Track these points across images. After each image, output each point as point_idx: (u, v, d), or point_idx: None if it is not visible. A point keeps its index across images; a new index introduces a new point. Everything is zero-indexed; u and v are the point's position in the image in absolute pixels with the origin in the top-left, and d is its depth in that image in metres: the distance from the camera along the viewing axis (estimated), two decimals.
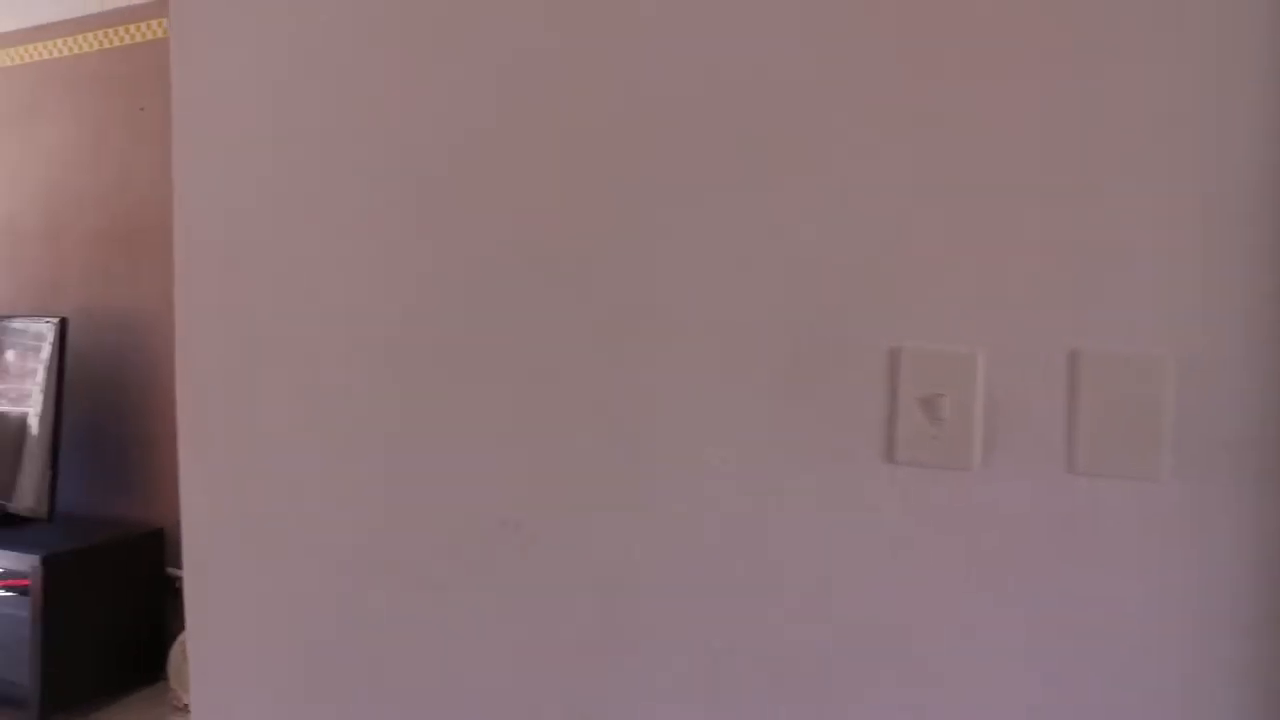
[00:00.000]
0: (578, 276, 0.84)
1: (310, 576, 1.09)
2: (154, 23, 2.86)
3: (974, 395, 0.70)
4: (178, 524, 2.51)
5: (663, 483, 0.81)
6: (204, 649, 1.24)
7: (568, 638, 0.85)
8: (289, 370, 1.12)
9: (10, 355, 2.90)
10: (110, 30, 2.96)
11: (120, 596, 2.71)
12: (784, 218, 0.76)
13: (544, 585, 0.86)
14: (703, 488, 0.79)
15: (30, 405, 2.78)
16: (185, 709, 2.66)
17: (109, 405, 3.01)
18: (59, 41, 3.10)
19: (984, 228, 0.70)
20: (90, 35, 3.02)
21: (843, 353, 0.74)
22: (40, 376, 2.76)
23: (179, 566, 2.62)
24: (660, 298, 0.81)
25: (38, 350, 2.76)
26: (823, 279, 0.75)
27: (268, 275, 1.16)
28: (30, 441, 2.74)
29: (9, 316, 2.96)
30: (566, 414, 0.85)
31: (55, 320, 2.75)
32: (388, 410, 0.97)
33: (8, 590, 2.62)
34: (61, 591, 2.52)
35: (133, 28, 2.91)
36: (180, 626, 2.80)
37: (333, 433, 1.05)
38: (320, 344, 1.07)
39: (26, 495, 2.71)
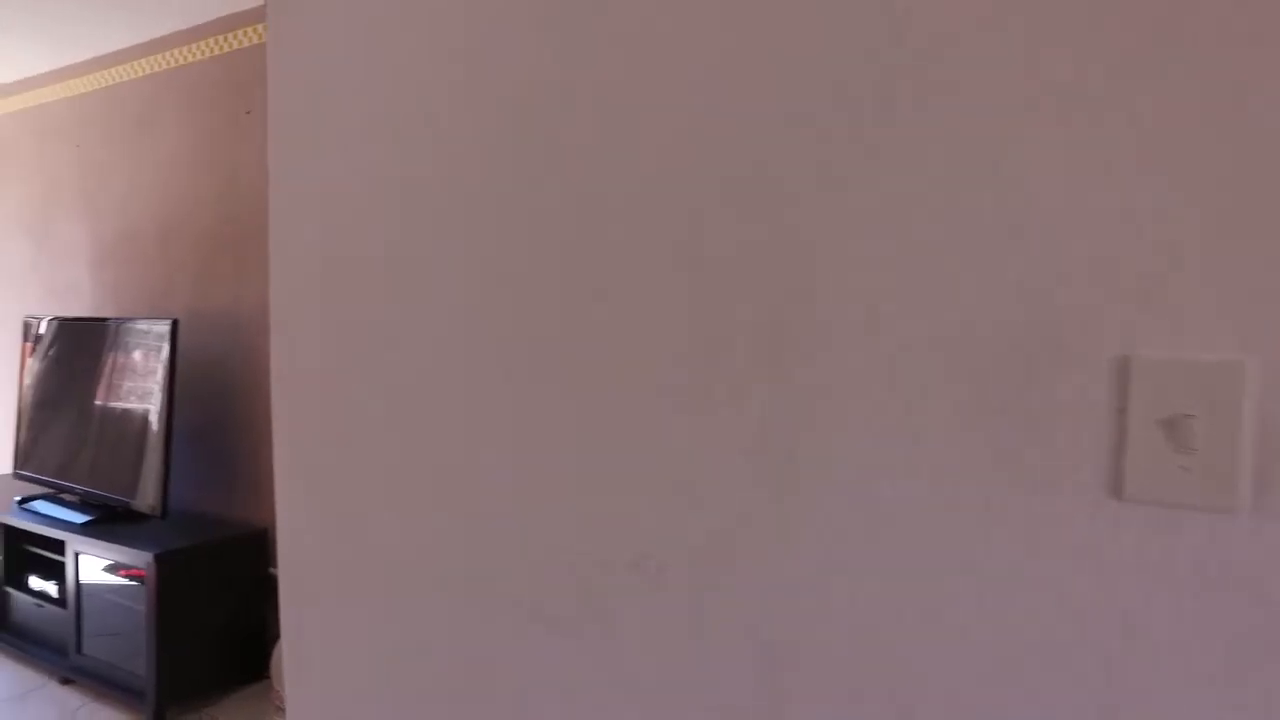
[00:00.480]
0: (729, 281, 0.71)
1: (421, 606, 1.00)
2: (260, 26, 2.89)
3: (1239, 416, 0.53)
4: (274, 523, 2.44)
5: (829, 520, 0.67)
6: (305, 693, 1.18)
7: (713, 693, 0.73)
8: (398, 383, 1.03)
9: (135, 356, 2.99)
10: (219, 37, 3.02)
11: (227, 594, 2.75)
12: (980, 200, 0.61)
13: (685, 631, 0.74)
14: (878, 529, 0.65)
15: (151, 404, 2.85)
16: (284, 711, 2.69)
17: (217, 405, 3.08)
18: (173, 52, 3.18)
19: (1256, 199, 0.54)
20: (201, 44, 3.08)
21: (1055, 364, 0.59)
22: (159, 376, 2.83)
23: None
24: (825, 305, 0.67)
25: (158, 351, 2.83)
26: (1031, 272, 0.60)
27: (371, 283, 1.08)
28: (150, 440, 2.81)
29: (130, 318, 3.06)
30: (716, 439, 0.72)
31: (161, 321, 2.83)
32: (506, 431, 0.87)
33: (130, 579, 2.69)
34: (172, 587, 2.57)
35: (240, 33, 2.95)
36: None
37: (447, 453, 0.95)
38: (431, 359, 0.97)
39: (147, 493, 2.78)
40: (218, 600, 2.72)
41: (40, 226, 3.89)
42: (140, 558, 2.55)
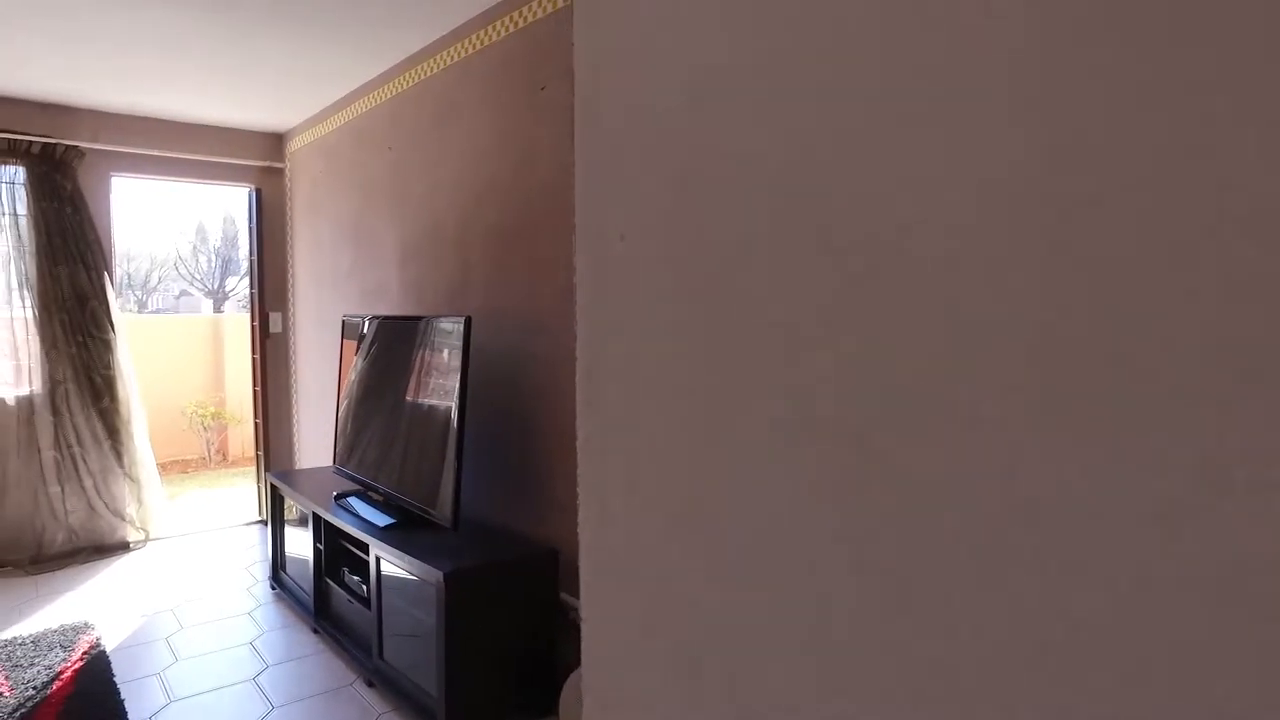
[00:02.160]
0: None
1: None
2: None
3: None
4: (574, 546, 2.12)
5: None
6: None
7: None
8: (735, 391, 0.59)
9: (439, 355, 2.89)
10: (515, 12, 2.81)
11: (516, 617, 2.52)
12: None
13: None
14: None
15: (453, 406, 2.72)
16: None
17: (509, 410, 2.89)
18: (472, 38, 3.05)
19: None
20: (497, 23, 2.91)
21: None
22: (439, 375, 2.69)
23: (573, 592, 2.31)
24: None
25: (457, 350, 2.69)
26: None
27: (700, 276, 0.65)
28: (447, 444, 2.68)
29: (436, 316, 2.97)
30: None
31: (456, 319, 2.67)
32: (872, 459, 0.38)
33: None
34: (461, 607, 2.37)
35: (534, 3, 2.72)
36: (573, 658, 2.53)
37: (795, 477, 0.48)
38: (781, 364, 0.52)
39: (441, 501, 2.65)
40: (506, 624, 2.50)
41: (359, 229, 4.06)
42: (430, 573, 2.39)
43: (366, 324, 3.43)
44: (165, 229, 21.85)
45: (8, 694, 2.81)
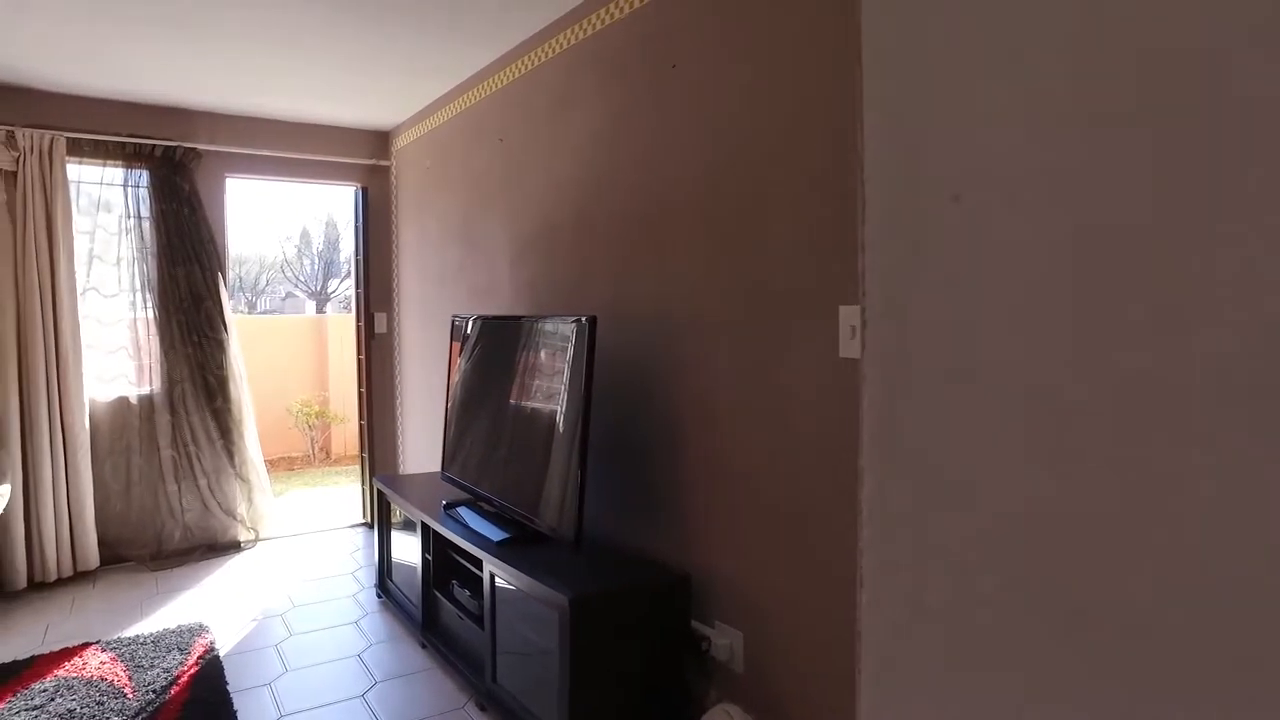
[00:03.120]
0: None
1: None
2: None
3: None
4: (706, 570, 1.87)
5: None
6: None
7: None
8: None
9: (546, 357, 2.72)
10: None
11: (645, 647, 2.30)
12: None
13: None
14: None
15: (563, 414, 2.54)
16: None
17: (634, 418, 2.68)
18: (590, 18, 2.86)
19: None
20: (617, 1, 2.71)
21: None
22: (570, 382, 2.50)
23: (705, 620, 2.08)
24: None
25: (569, 352, 2.50)
26: None
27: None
28: (563, 454, 2.49)
29: (542, 316, 2.80)
30: None
31: (576, 320, 2.47)
32: None
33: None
34: (588, 635, 2.17)
35: None
36: (708, 694, 2.30)
37: None
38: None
39: (560, 516, 2.46)
40: (634, 654, 2.29)
41: (467, 226, 3.94)
42: (553, 598, 2.20)
43: (475, 324, 3.29)
44: (272, 233, 22.76)
45: (130, 696, 2.78)
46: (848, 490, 1.90)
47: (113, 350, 4.32)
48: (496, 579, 2.55)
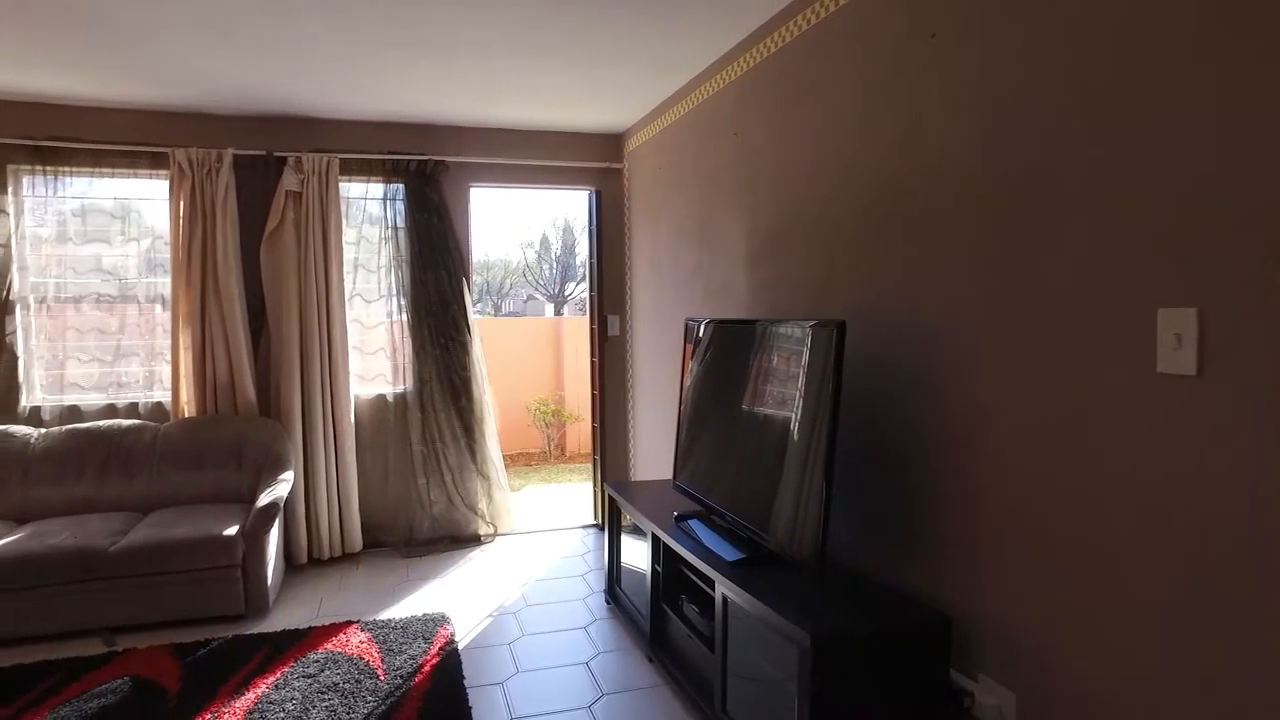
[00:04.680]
0: None
1: None
2: None
3: None
4: (969, 613, 1.53)
5: None
6: None
7: None
8: None
9: (784, 364, 2.49)
10: None
11: (896, 697, 2.01)
12: None
13: None
14: None
15: (803, 424, 2.30)
16: None
17: (882, 432, 2.38)
18: None
19: None
20: None
21: None
22: (812, 390, 2.25)
23: (967, 671, 1.74)
24: None
25: (813, 359, 2.25)
26: None
27: None
28: (803, 470, 2.26)
29: (780, 320, 2.58)
30: None
31: (821, 324, 2.21)
32: None
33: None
34: (832, 679, 1.92)
35: None
36: None
37: None
38: None
39: (800, 539, 2.23)
40: (884, 704, 2.00)
41: (701, 226, 3.80)
42: (794, 632, 1.97)
43: (708, 328, 3.13)
44: (515, 239, 24.39)
45: (382, 678, 2.92)
46: (1177, 534, 1.50)
47: (372, 351, 4.68)
48: (729, 601, 2.36)
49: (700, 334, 3.19)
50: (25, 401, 4.14)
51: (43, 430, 3.99)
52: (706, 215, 3.72)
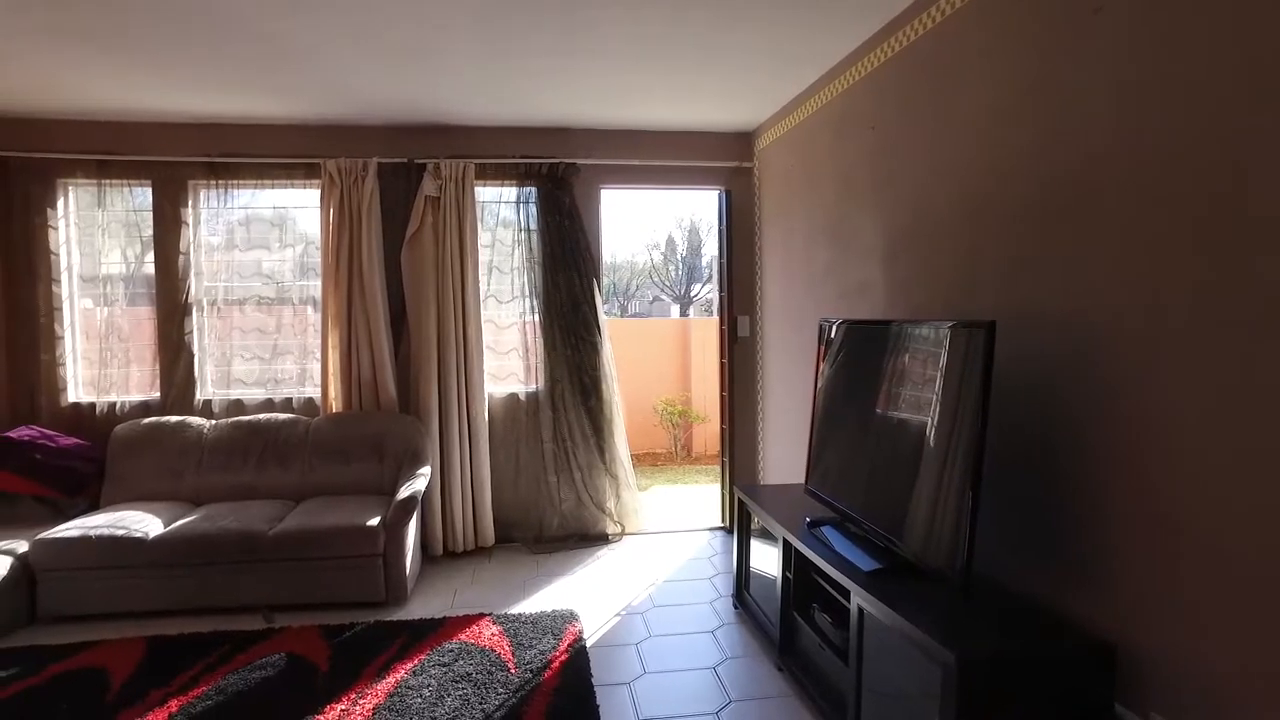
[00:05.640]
0: None
1: None
2: None
3: None
4: (1138, 642, 1.38)
5: None
6: None
7: None
8: None
9: (923, 367, 2.36)
10: None
11: None
12: None
13: None
14: None
15: (946, 430, 2.17)
16: None
17: (1033, 439, 2.21)
18: None
19: None
20: None
21: None
22: (944, 392, 2.12)
23: (1135, 709, 1.56)
24: None
25: (972, 362, 2.11)
26: None
27: None
28: (942, 477, 2.13)
29: (919, 321, 2.44)
30: None
31: (968, 325, 2.06)
32: None
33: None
34: (979, 704, 1.79)
35: None
36: None
37: None
38: None
39: (939, 550, 2.10)
40: None
41: (834, 224, 3.67)
42: (936, 651, 1.85)
43: (841, 329, 3.02)
44: (640, 241, 24.64)
45: (513, 671, 2.98)
46: None
47: (506, 351, 4.81)
48: (865, 613, 2.25)
49: (833, 335, 3.08)
50: (199, 395, 4.52)
51: (212, 422, 4.33)
52: (840, 213, 3.59)
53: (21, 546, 3.51)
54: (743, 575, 3.53)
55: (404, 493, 3.81)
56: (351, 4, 2.86)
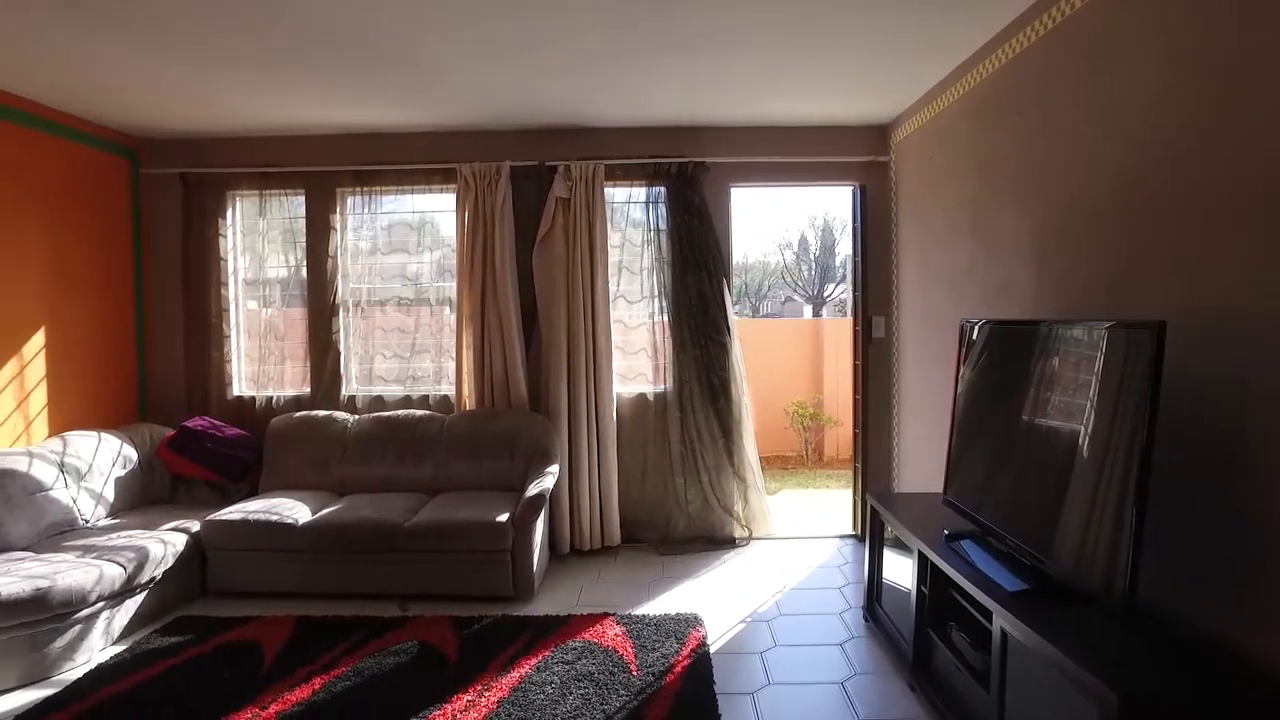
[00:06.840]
0: None
1: None
2: None
3: None
4: None
5: None
6: None
7: None
8: None
9: (1089, 372, 2.16)
10: None
11: None
12: None
13: None
14: None
15: (1102, 440, 1.96)
16: None
17: (1204, 452, 1.96)
18: None
19: None
20: None
21: None
22: (1106, 400, 1.91)
23: None
24: None
25: (1137, 367, 1.91)
26: None
27: None
28: (1084, 486, 1.93)
29: (1072, 321, 2.23)
30: None
31: (1131, 325, 1.85)
32: None
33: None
34: None
35: None
36: None
37: None
38: None
39: (1093, 572, 1.90)
40: None
41: (977, 220, 3.44)
42: (1094, 685, 1.66)
43: (984, 330, 2.81)
44: (772, 241, 24.28)
45: (635, 673, 2.96)
46: None
47: (634, 352, 4.81)
48: (1009, 637, 2.08)
49: (975, 336, 2.88)
50: (345, 391, 4.79)
51: (356, 417, 4.57)
52: (983, 208, 3.36)
53: (195, 526, 3.83)
54: (874, 587, 3.37)
55: (533, 490, 3.88)
56: (493, 29, 2.94)
